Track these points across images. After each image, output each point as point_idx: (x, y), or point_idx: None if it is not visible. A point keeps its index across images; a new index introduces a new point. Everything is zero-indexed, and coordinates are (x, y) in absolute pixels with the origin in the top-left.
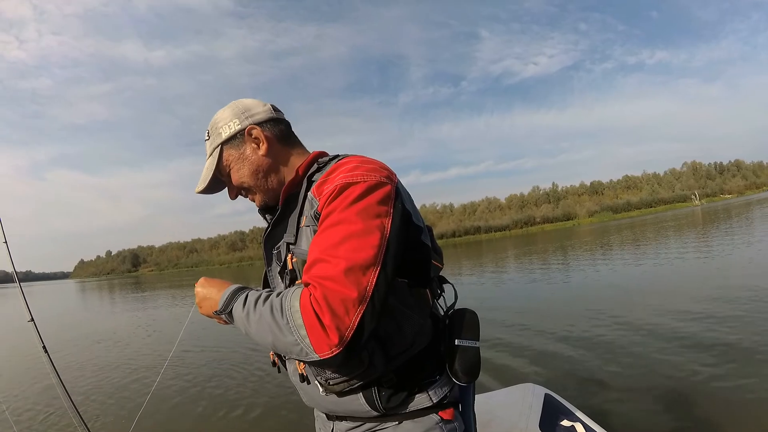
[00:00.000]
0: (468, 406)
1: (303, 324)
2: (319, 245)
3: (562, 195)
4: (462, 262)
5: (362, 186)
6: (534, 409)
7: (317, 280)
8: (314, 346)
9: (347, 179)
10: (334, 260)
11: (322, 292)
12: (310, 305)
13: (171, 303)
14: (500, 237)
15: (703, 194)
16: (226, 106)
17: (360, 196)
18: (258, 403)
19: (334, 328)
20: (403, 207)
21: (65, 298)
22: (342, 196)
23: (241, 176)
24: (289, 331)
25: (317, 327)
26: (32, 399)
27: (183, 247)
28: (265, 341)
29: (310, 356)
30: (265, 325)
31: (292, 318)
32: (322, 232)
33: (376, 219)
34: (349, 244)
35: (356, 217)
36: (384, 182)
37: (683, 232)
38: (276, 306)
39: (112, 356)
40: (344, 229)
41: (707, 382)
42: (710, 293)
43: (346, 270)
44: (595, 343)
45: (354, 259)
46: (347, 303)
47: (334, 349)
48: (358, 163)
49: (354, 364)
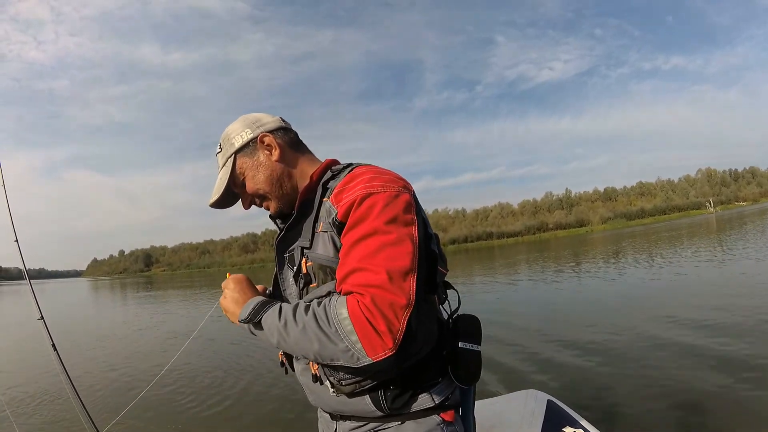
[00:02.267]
0: (468, 410)
1: (354, 330)
2: (356, 255)
3: (576, 201)
4: (474, 267)
5: (385, 196)
6: (536, 415)
7: (362, 288)
8: (367, 350)
9: (368, 189)
10: (376, 268)
11: (371, 299)
12: (360, 312)
13: (182, 301)
14: (513, 243)
15: (717, 201)
16: (236, 120)
17: (386, 206)
18: (267, 400)
19: (387, 332)
20: (422, 214)
21: (78, 296)
22: (366, 207)
23: (256, 183)
24: (339, 339)
25: (370, 332)
26: (41, 397)
27: (195, 248)
28: (307, 350)
29: (362, 361)
30: (311, 334)
31: (341, 325)
32: (356, 242)
33: (406, 227)
34: (387, 252)
35: (387, 226)
36: (403, 192)
37: (697, 240)
38: (320, 315)
39: (121, 353)
40: (379, 239)
41: (711, 391)
42: (717, 303)
43: (390, 277)
44: (599, 350)
45: (395, 267)
46: (396, 308)
47: (388, 352)
48: (375, 174)
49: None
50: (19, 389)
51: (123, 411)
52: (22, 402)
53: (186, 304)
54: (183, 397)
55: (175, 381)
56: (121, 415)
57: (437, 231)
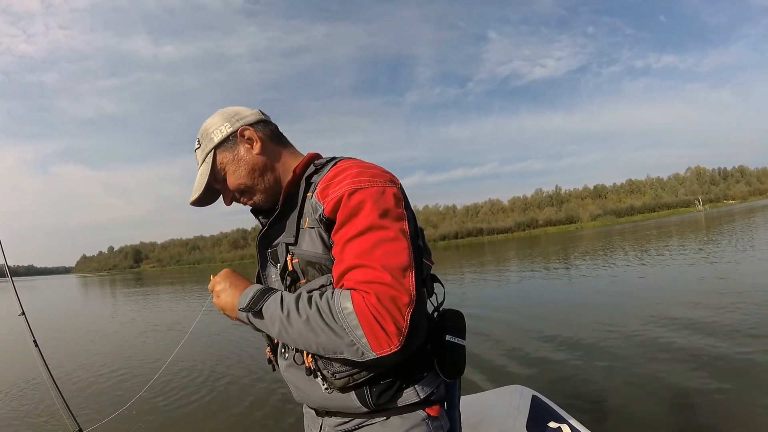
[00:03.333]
0: (453, 406)
1: (359, 325)
2: (352, 252)
3: (566, 198)
4: (462, 262)
5: (373, 191)
6: (521, 410)
7: (365, 285)
8: (373, 346)
9: (356, 185)
10: (376, 264)
11: (375, 296)
12: (366, 309)
13: (172, 297)
14: (503, 239)
15: (706, 199)
16: (214, 114)
17: (376, 201)
18: (257, 399)
19: (394, 329)
20: (410, 208)
21: (69, 293)
22: (356, 202)
23: (238, 177)
24: (344, 333)
25: (377, 329)
26: (22, 395)
27: (185, 244)
28: (310, 342)
29: (366, 355)
30: (315, 327)
31: (346, 320)
32: (351, 239)
33: (398, 222)
34: (384, 248)
35: (381, 221)
36: (391, 185)
37: (686, 237)
38: (324, 308)
39: (108, 351)
40: (375, 235)
41: (696, 388)
42: (705, 301)
43: (392, 274)
44: (584, 346)
45: (395, 264)
46: (400, 305)
47: (393, 348)
48: (361, 169)
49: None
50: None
51: (112, 415)
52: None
53: (176, 300)
54: (175, 394)
55: (169, 380)
56: (109, 418)
57: (427, 227)
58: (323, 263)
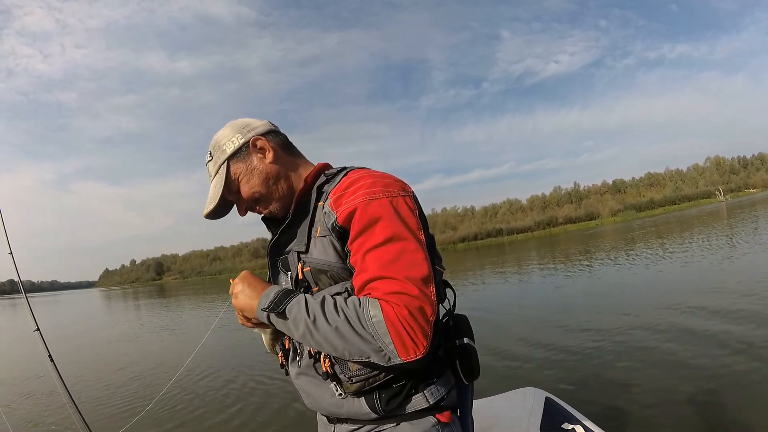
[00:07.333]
0: (466, 412)
1: (388, 333)
2: (374, 263)
3: (585, 195)
4: (481, 263)
5: (388, 201)
6: (535, 413)
7: (393, 296)
8: (400, 352)
9: (371, 195)
10: (400, 276)
11: (405, 307)
12: (396, 318)
13: (193, 309)
14: (523, 239)
15: (727, 189)
16: (224, 126)
17: (393, 212)
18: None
19: (421, 335)
20: (423, 215)
21: (92, 306)
22: (372, 213)
23: (252, 186)
24: (372, 339)
25: (406, 338)
26: (39, 409)
27: (206, 255)
28: (335, 346)
29: (393, 361)
30: (344, 332)
31: (374, 327)
32: (371, 249)
33: (416, 232)
34: (406, 259)
35: (400, 232)
36: (404, 195)
37: (707, 230)
38: (351, 315)
39: (124, 363)
40: (395, 247)
41: (713, 388)
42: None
43: (417, 286)
44: (598, 347)
45: (417, 275)
46: (427, 315)
47: (419, 354)
48: (374, 179)
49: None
50: (19, 402)
51: (125, 426)
52: (22, 416)
53: (197, 309)
54: (187, 404)
55: (181, 389)
56: (124, 429)
57: (446, 229)
58: (335, 271)
